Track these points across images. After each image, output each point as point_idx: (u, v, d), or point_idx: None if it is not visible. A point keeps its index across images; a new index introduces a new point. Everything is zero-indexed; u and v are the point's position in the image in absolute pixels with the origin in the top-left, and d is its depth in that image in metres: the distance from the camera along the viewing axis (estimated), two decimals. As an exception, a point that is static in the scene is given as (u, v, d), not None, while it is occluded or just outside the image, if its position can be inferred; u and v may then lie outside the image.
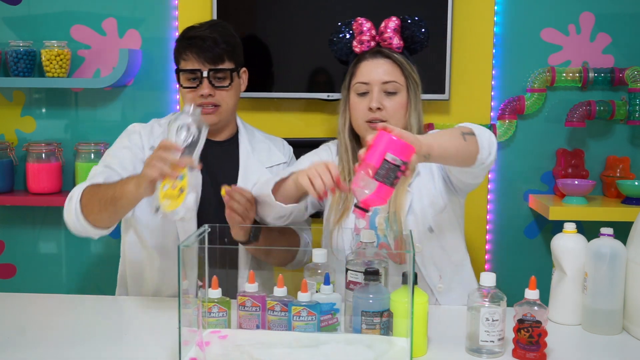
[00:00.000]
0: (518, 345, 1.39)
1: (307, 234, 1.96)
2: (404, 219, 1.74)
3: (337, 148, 1.88)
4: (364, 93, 1.76)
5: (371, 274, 1.41)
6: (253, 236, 1.75)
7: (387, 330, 1.41)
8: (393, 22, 1.77)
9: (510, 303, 1.42)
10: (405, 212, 1.74)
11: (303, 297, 1.44)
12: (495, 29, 2.59)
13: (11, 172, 2.64)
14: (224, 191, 1.66)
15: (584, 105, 2.51)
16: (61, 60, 2.54)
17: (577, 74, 2.55)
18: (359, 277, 1.48)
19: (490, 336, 1.38)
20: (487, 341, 1.38)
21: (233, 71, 1.86)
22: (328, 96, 2.53)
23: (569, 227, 1.63)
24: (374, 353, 1.33)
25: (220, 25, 1.90)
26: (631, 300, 1.55)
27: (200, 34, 1.82)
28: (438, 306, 1.76)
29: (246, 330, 1.46)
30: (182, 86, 1.86)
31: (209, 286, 1.48)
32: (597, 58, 2.58)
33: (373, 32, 1.78)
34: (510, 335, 1.41)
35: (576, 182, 2.45)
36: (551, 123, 2.63)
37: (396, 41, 1.76)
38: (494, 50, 2.60)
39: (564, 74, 2.55)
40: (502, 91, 2.62)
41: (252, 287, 1.48)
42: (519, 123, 2.62)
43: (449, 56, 2.51)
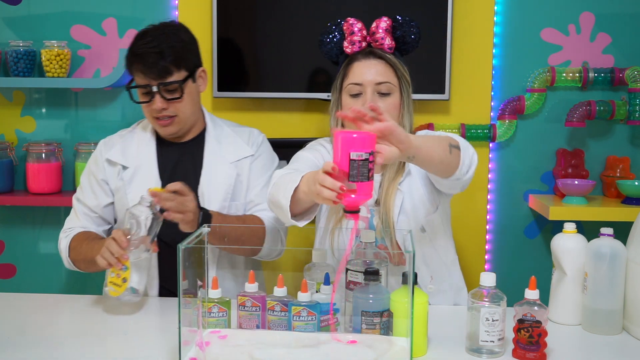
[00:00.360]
0: (518, 345, 1.39)
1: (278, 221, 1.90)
2: (396, 219, 1.74)
3: (332, 146, 1.86)
4: (357, 94, 1.74)
5: (371, 274, 1.41)
6: (202, 222, 1.72)
7: (387, 330, 1.41)
8: (384, 22, 1.75)
9: (510, 303, 1.42)
10: (397, 212, 1.74)
11: (303, 297, 1.44)
12: (495, 29, 2.59)
13: (11, 172, 2.64)
14: (151, 194, 1.65)
15: (584, 105, 2.51)
16: (61, 60, 2.54)
17: (577, 74, 2.55)
18: (359, 277, 1.48)
19: (490, 336, 1.38)
20: (487, 341, 1.38)
21: (184, 82, 1.83)
22: (328, 96, 2.51)
23: (569, 227, 1.63)
24: (374, 353, 1.33)
25: (167, 31, 1.84)
26: (631, 300, 1.55)
27: (144, 51, 1.79)
28: (438, 306, 1.76)
29: (246, 330, 1.46)
30: (136, 102, 1.85)
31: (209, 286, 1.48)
32: (597, 58, 2.58)
33: (364, 33, 1.76)
34: (510, 335, 1.41)
35: (576, 182, 2.45)
36: (551, 123, 2.63)
37: (388, 41, 1.75)
38: (494, 50, 2.60)
39: (564, 74, 2.55)
40: (502, 91, 2.62)
41: (252, 287, 1.48)
42: (519, 123, 2.62)
43: (449, 56, 2.51)
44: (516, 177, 2.66)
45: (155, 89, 1.80)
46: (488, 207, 2.66)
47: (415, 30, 1.77)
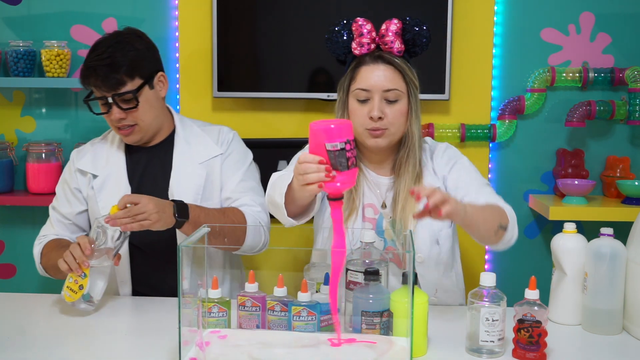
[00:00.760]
0: (518, 345, 1.39)
1: (261, 214, 1.90)
2: (413, 228, 1.73)
3: None
4: (364, 100, 1.72)
5: (371, 274, 1.41)
6: (179, 215, 1.71)
7: (387, 330, 1.41)
8: (394, 25, 1.72)
9: (510, 303, 1.42)
10: (414, 221, 1.73)
11: (303, 297, 1.44)
12: (495, 29, 2.59)
13: (11, 172, 2.64)
14: (106, 221, 1.65)
15: (584, 105, 2.51)
16: (61, 60, 2.54)
17: (577, 74, 2.55)
18: (359, 277, 1.48)
19: (490, 336, 1.38)
20: (487, 341, 1.38)
21: (137, 90, 1.83)
22: (328, 96, 2.52)
23: (569, 227, 1.63)
24: (374, 353, 1.33)
25: (120, 40, 1.84)
26: (631, 300, 1.55)
27: (96, 63, 1.79)
28: (438, 306, 1.76)
29: (246, 330, 1.46)
30: (96, 113, 1.86)
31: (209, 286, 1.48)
32: (597, 58, 2.58)
33: (373, 35, 1.74)
34: (510, 335, 1.41)
35: (576, 182, 2.45)
36: (551, 123, 2.63)
37: (397, 45, 1.72)
38: (494, 50, 2.60)
39: (564, 74, 2.55)
40: (502, 91, 2.62)
41: (252, 287, 1.48)
42: (519, 123, 2.62)
43: (449, 56, 2.51)
44: (516, 177, 2.66)
45: (110, 100, 1.81)
46: (488, 207, 2.66)
47: (425, 32, 1.74)
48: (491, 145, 2.64)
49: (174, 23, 2.62)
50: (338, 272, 1.34)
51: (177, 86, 2.64)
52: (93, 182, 1.91)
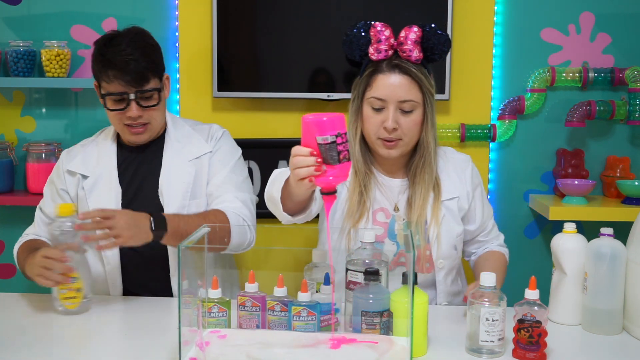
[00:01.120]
0: (518, 345, 1.39)
1: (242, 210, 1.88)
2: (437, 234, 1.74)
3: None
4: (379, 108, 1.70)
5: (371, 274, 1.41)
6: (156, 228, 1.67)
7: (387, 330, 1.41)
8: (414, 34, 1.67)
9: (510, 303, 1.42)
10: (437, 226, 1.74)
11: (303, 297, 1.44)
12: (495, 29, 2.59)
13: (11, 172, 2.64)
14: (77, 227, 1.63)
15: (584, 105, 2.51)
16: (61, 60, 2.54)
17: (577, 74, 2.55)
18: (359, 277, 1.48)
19: (490, 336, 1.38)
20: (487, 341, 1.38)
21: (161, 89, 1.84)
22: (328, 96, 2.53)
23: (569, 227, 1.63)
24: (375, 353, 1.33)
25: (137, 38, 1.83)
26: (631, 300, 1.55)
27: (121, 58, 1.76)
28: (438, 306, 1.76)
29: (246, 330, 1.46)
30: (109, 109, 1.82)
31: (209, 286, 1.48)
32: (597, 58, 2.58)
33: (392, 41, 1.69)
34: (510, 335, 1.41)
35: (576, 182, 2.45)
36: (551, 123, 2.63)
37: (416, 53, 1.68)
38: (494, 50, 2.60)
39: (564, 74, 2.55)
40: (502, 91, 2.62)
41: (252, 287, 1.48)
42: (519, 123, 2.62)
43: (449, 56, 2.51)
44: (516, 177, 2.66)
45: (132, 97, 1.79)
46: (488, 207, 2.66)
47: (445, 41, 1.71)
48: (491, 145, 2.64)
49: (174, 23, 2.62)
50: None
51: (177, 86, 2.64)
52: (83, 183, 1.90)
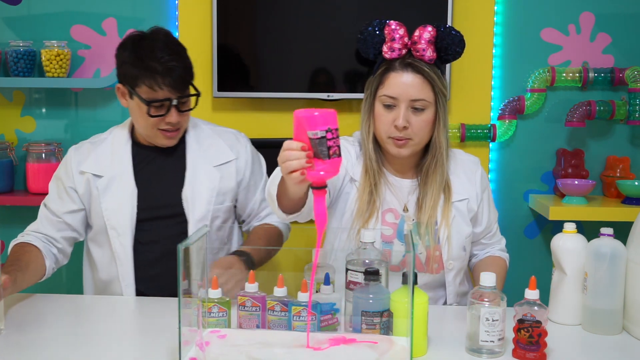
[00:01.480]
0: (518, 345, 1.39)
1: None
2: (447, 235, 1.74)
3: (359, 149, 1.82)
4: (391, 105, 1.70)
5: (371, 274, 1.41)
6: (251, 265, 1.75)
7: (387, 330, 1.41)
8: (428, 33, 1.67)
9: (510, 303, 1.41)
10: (447, 228, 1.74)
11: (303, 297, 1.44)
12: (495, 29, 2.59)
13: (11, 172, 2.65)
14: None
15: (584, 105, 2.51)
16: (61, 60, 2.54)
17: (577, 74, 2.55)
18: (359, 277, 1.48)
19: (490, 336, 1.38)
20: (487, 341, 1.38)
21: (198, 95, 1.86)
22: (328, 96, 2.53)
23: (569, 227, 1.63)
24: (375, 353, 1.33)
25: (170, 41, 1.83)
26: (631, 300, 1.55)
27: (165, 64, 1.76)
28: (438, 306, 1.76)
29: (246, 330, 1.46)
30: (151, 115, 1.81)
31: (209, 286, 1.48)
32: (597, 58, 2.58)
33: (405, 40, 1.69)
34: (510, 335, 1.41)
35: (576, 182, 2.45)
36: (551, 123, 2.63)
37: (429, 53, 1.68)
38: (494, 50, 2.60)
39: (564, 74, 2.55)
40: (502, 91, 2.62)
41: (252, 287, 1.48)
42: (519, 123, 2.62)
43: (449, 56, 2.51)
44: (516, 177, 2.66)
45: (174, 102, 1.80)
46: (488, 207, 2.66)
47: (458, 41, 1.70)
48: (491, 145, 2.65)
49: (174, 23, 2.62)
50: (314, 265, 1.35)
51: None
52: (97, 183, 1.88)
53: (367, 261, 1.50)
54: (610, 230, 1.57)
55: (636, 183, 2.47)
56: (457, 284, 1.78)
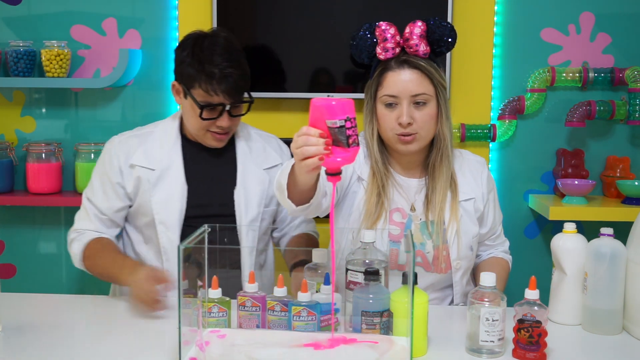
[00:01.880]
0: (518, 345, 1.39)
1: (312, 225, 2.06)
2: (456, 234, 1.74)
3: (366, 149, 1.81)
4: (393, 104, 1.70)
5: (371, 274, 1.41)
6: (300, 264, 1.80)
7: (387, 330, 1.41)
8: (418, 28, 1.68)
9: (510, 303, 1.41)
10: (457, 222, 1.74)
11: (303, 297, 1.44)
12: (495, 29, 2.59)
13: (11, 172, 2.65)
14: None
15: (584, 105, 2.52)
16: (61, 60, 2.54)
17: (577, 74, 2.55)
18: (359, 277, 1.48)
19: (490, 336, 1.38)
20: (487, 341, 1.38)
21: (252, 102, 1.87)
22: (328, 96, 2.53)
23: (569, 227, 1.63)
24: (375, 353, 1.33)
25: (231, 47, 1.82)
26: (631, 300, 1.55)
27: (224, 71, 1.77)
28: (438, 306, 1.76)
29: (245, 330, 1.46)
30: (203, 118, 1.81)
31: (209, 286, 1.48)
32: (597, 58, 2.58)
33: (397, 39, 1.69)
34: (510, 335, 1.41)
35: (576, 182, 2.45)
36: (551, 123, 2.63)
37: (423, 47, 1.68)
38: (494, 50, 2.60)
39: (564, 74, 2.55)
40: (502, 91, 2.62)
41: (252, 287, 1.48)
42: (519, 123, 2.62)
43: (449, 56, 2.52)
44: (516, 177, 2.66)
45: (227, 107, 1.80)
46: (488, 207, 2.66)
47: (448, 32, 1.70)
48: (491, 145, 2.65)
49: (174, 23, 2.62)
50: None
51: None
52: (148, 176, 1.85)
53: (367, 261, 1.50)
54: (610, 230, 1.57)
55: (636, 183, 2.47)
56: (464, 284, 1.78)
